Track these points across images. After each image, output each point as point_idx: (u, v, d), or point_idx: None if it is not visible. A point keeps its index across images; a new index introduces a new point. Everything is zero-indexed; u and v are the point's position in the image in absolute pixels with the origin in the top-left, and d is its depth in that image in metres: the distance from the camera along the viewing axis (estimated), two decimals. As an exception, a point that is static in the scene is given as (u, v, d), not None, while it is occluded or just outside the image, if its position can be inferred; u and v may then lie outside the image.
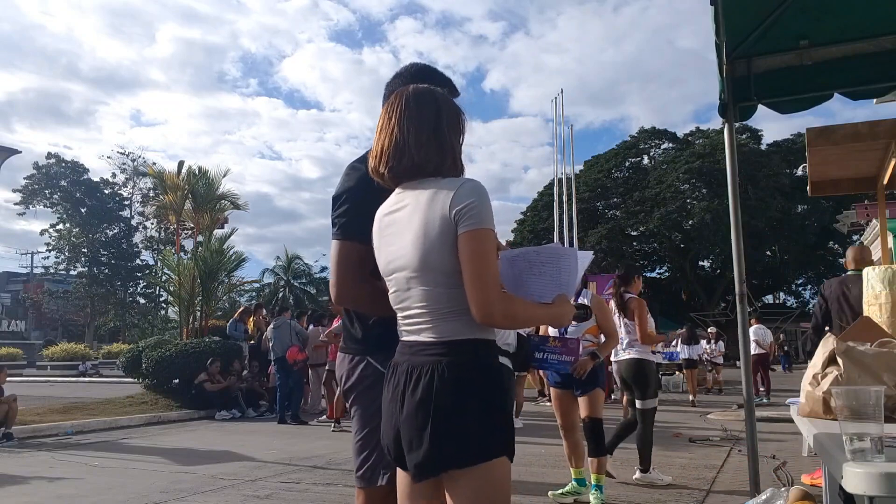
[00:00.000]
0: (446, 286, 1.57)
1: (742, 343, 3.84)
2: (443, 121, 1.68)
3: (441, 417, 1.51)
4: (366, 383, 2.02)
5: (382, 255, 1.71)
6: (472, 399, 1.53)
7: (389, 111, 1.70)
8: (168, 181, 16.48)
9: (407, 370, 1.60)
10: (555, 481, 5.17)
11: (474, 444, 1.53)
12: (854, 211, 15.73)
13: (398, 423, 1.59)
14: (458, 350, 1.56)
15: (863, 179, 4.53)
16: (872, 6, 3.42)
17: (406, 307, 1.64)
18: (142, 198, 42.22)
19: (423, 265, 1.58)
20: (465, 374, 1.55)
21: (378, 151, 1.69)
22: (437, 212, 1.56)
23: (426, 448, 1.52)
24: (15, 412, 8.11)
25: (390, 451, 1.67)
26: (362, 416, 2.03)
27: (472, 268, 1.52)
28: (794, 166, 34.44)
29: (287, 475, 5.79)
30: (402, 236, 1.63)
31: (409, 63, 2.16)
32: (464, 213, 1.53)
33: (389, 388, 1.65)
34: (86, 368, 23.69)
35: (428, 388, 1.53)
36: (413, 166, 1.64)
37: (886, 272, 3.28)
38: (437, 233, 1.55)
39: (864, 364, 2.03)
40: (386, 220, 1.71)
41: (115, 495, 5.06)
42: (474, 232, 1.53)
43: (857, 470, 1.33)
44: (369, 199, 1.81)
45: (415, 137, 1.64)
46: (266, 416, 10.92)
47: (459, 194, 1.55)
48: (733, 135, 3.84)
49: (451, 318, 1.57)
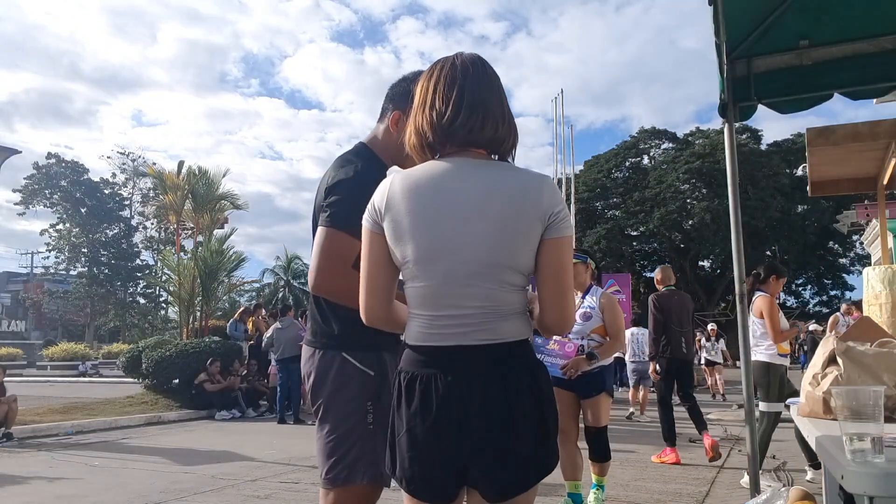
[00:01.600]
0: (516, 287, 1.46)
1: (742, 343, 3.83)
2: (504, 93, 1.57)
3: (531, 426, 1.41)
4: (340, 381, 1.92)
5: (422, 238, 1.44)
6: (546, 402, 1.46)
7: (460, 70, 1.51)
8: (168, 181, 16.49)
9: (462, 379, 1.41)
10: (551, 481, 5.18)
11: (556, 449, 1.47)
12: (854, 211, 15.75)
13: (462, 441, 1.40)
14: (520, 350, 1.46)
15: (863, 179, 4.54)
16: (872, 6, 3.41)
17: (456, 304, 1.43)
18: (142, 198, 42.22)
19: (500, 261, 1.42)
20: (535, 375, 1.46)
21: (451, 105, 1.47)
22: (529, 208, 1.42)
23: (519, 462, 1.40)
24: (15, 412, 8.11)
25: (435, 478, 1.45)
26: (336, 416, 1.92)
27: (560, 275, 1.45)
28: (794, 166, 34.44)
29: (287, 475, 5.78)
30: (469, 223, 1.42)
31: (417, 70, 2.09)
32: (559, 216, 1.44)
33: (429, 403, 1.42)
34: (86, 368, 23.66)
35: (509, 396, 1.40)
36: (493, 138, 1.49)
37: (886, 272, 3.29)
38: (525, 231, 1.42)
39: (864, 364, 2.03)
40: (429, 194, 1.45)
41: (115, 495, 5.06)
42: (565, 240, 1.46)
43: (856, 470, 1.33)
44: (365, 193, 1.68)
45: (496, 98, 1.52)
46: (266, 416, 10.92)
47: (552, 193, 1.46)
48: (733, 135, 3.84)
49: (511, 319, 1.45)
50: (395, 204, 1.47)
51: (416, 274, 1.46)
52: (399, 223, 1.46)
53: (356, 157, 2.03)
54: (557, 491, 4.84)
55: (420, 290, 1.46)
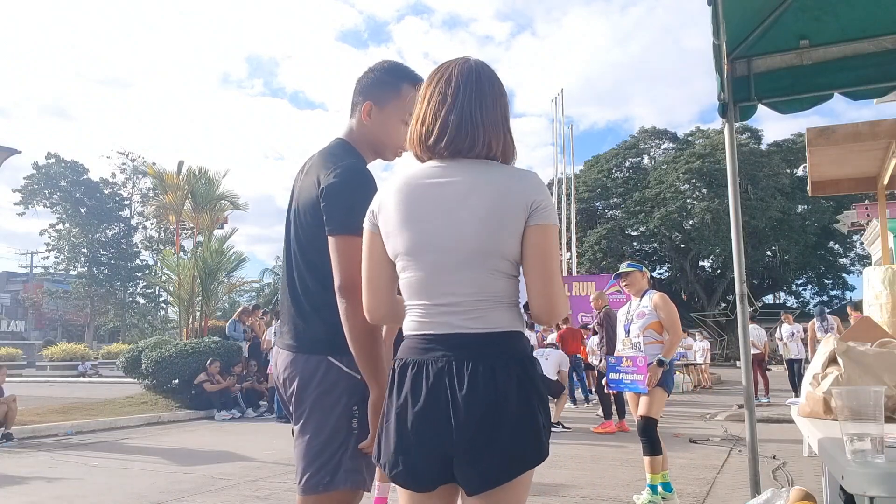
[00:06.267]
0: (505, 274, 1.49)
1: (742, 343, 3.83)
2: (505, 104, 1.61)
3: (518, 418, 1.42)
4: (327, 385, 1.87)
5: (410, 231, 1.51)
6: (535, 395, 1.47)
7: (454, 84, 1.55)
8: (168, 181, 16.50)
9: (451, 366, 1.43)
10: (550, 482, 5.17)
11: (543, 443, 1.47)
12: (854, 211, 15.74)
13: (449, 429, 1.41)
14: (511, 342, 1.48)
15: (863, 179, 4.52)
16: (872, 6, 3.41)
17: (447, 292, 1.48)
18: (141, 198, 42.21)
19: (487, 249, 1.46)
20: (526, 367, 1.47)
21: (438, 123, 1.53)
22: (511, 198, 1.47)
23: (501, 453, 1.41)
24: (14, 412, 8.10)
25: (418, 465, 1.46)
26: (321, 420, 1.87)
27: (543, 261, 1.47)
28: (795, 166, 34.48)
29: (287, 475, 5.78)
30: (453, 214, 1.48)
31: (382, 60, 2.11)
32: (541, 205, 1.48)
33: (418, 390, 1.45)
34: (85, 368, 23.65)
35: (497, 386, 1.41)
36: (482, 144, 1.53)
37: (887, 272, 3.28)
38: (508, 219, 1.46)
39: (864, 364, 2.03)
40: (418, 191, 1.52)
41: (115, 495, 5.06)
42: (548, 227, 1.49)
43: (857, 470, 1.33)
44: (363, 192, 1.75)
45: (489, 116, 1.55)
46: (266, 417, 10.92)
47: (535, 185, 1.50)
48: (733, 135, 3.84)
49: (503, 308, 1.48)
50: (387, 203, 1.55)
51: (406, 265, 1.52)
52: (390, 220, 1.53)
53: (344, 154, 1.98)
54: (559, 491, 4.85)
55: (412, 280, 1.51)
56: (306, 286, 1.94)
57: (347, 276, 1.75)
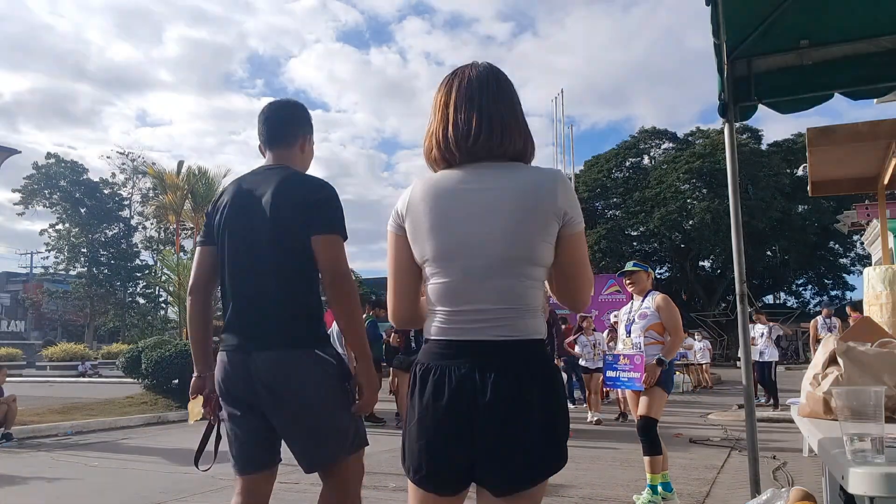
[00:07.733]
0: (534, 281, 1.49)
1: (742, 343, 3.83)
2: (520, 103, 1.62)
3: (542, 424, 1.43)
4: (320, 374, 2.16)
5: (441, 236, 1.50)
6: (557, 402, 1.49)
7: (475, 87, 1.55)
8: (168, 181, 16.51)
9: (474, 373, 1.43)
10: (550, 482, 5.17)
11: (564, 449, 1.49)
12: (854, 211, 15.73)
13: (472, 435, 1.42)
14: (534, 349, 1.49)
15: (863, 179, 4.52)
16: (872, 6, 3.41)
17: (475, 299, 1.47)
18: (141, 198, 42.21)
19: (517, 255, 1.46)
20: (548, 375, 1.48)
21: (472, 125, 1.51)
22: (543, 204, 1.47)
23: (526, 458, 1.42)
24: (14, 412, 8.10)
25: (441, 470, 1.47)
26: (324, 404, 2.18)
27: (583, 267, 1.54)
28: (795, 166, 34.43)
29: (287, 475, 5.76)
30: (484, 220, 1.47)
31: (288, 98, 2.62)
32: (573, 211, 1.50)
33: (441, 395, 1.44)
34: (85, 369, 23.67)
35: (521, 393, 1.42)
36: (510, 144, 1.53)
37: (887, 272, 3.28)
38: (541, 225, 1.46)
39: (864, 364, 2.02)
40: (448, 195, 1.51)
41: (115, 495, 5.06)
42: (581, 234, 1.54)
43: (857, 470, 1.32)
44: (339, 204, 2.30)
45: (514, 115, 1.56)
46: (266, 417, 10.91)
47: (566, 190, 1.51)
48: (733, 135, 3.83)
49: (528, 317, 1.48)
50: (415, 206, 1.53)
51: (435, 271, 1.51)
52: (418, 224, 1.52)
53: (311, 176, 2.33)
54: (559, 491, 4.85)
55: (440, 286, 1.51)
56: (286, 286, 2.16)
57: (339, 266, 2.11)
